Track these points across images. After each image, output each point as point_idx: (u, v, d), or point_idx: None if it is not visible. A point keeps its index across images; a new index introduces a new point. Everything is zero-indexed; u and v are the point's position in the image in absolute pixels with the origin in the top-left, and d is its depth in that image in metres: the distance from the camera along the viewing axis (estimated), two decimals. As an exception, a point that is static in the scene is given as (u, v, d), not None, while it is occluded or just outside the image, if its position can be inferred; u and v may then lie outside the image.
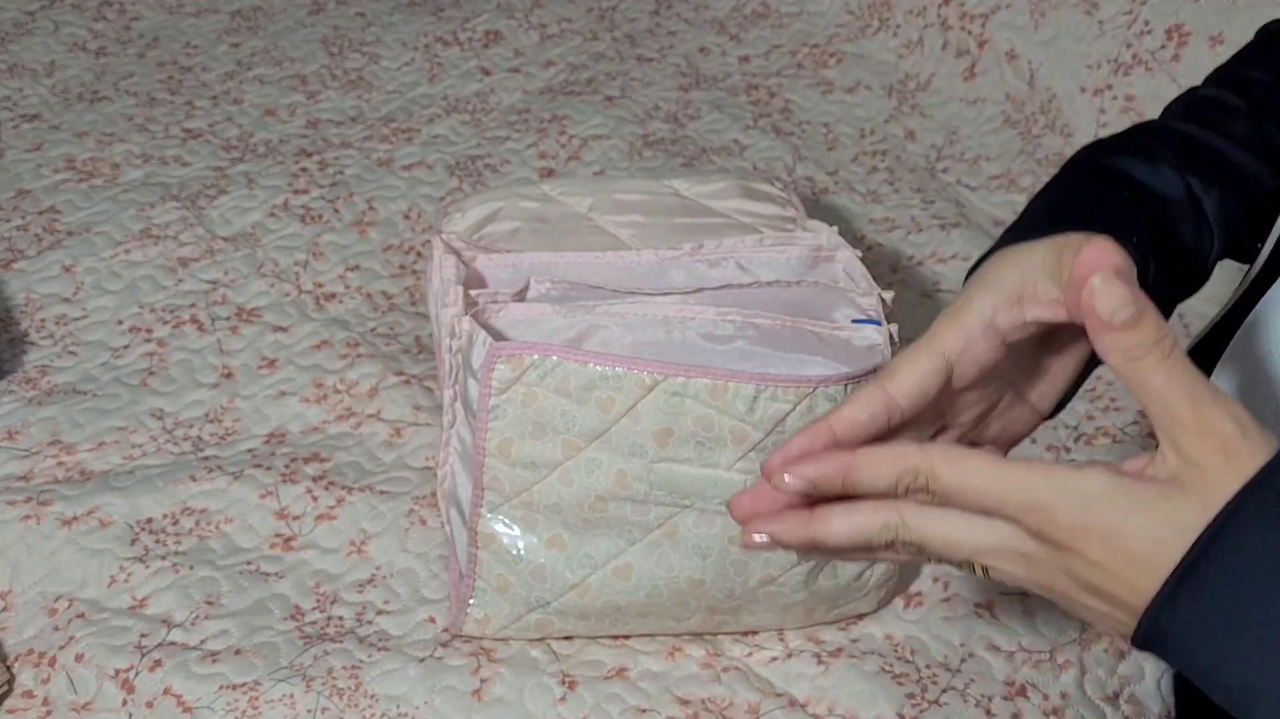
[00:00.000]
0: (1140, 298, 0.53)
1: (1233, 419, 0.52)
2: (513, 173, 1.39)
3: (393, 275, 1.25)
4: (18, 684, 0.91)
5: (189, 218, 1.30)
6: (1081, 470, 0.54)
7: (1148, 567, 0.53)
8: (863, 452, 0.57)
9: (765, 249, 0.99)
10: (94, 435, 1.07)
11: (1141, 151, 0.73)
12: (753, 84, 1.55)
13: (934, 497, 0.56)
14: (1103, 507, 0.53)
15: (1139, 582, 0.53)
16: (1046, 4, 1.49)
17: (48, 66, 1.56)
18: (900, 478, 0.56)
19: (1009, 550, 0.56)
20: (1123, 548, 0.53)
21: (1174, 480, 0.53)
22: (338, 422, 1.10)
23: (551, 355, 0.85)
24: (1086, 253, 0.55)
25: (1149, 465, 0.54)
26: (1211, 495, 0.52)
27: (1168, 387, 0.53)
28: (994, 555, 0.56)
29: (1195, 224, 0.72)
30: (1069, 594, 0.56)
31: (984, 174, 1.43)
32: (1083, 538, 0.53)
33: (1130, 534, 0.53)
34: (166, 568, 0.97)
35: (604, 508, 0.86)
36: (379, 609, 0.95)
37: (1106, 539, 0.53)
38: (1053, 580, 0.56)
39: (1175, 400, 0.53)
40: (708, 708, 0.88)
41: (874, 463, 0.57)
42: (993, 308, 0.61)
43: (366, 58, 1.58)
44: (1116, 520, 0.53)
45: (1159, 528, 0.52)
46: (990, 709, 0.89)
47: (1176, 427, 0.53)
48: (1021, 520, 0.54)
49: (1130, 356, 0.53)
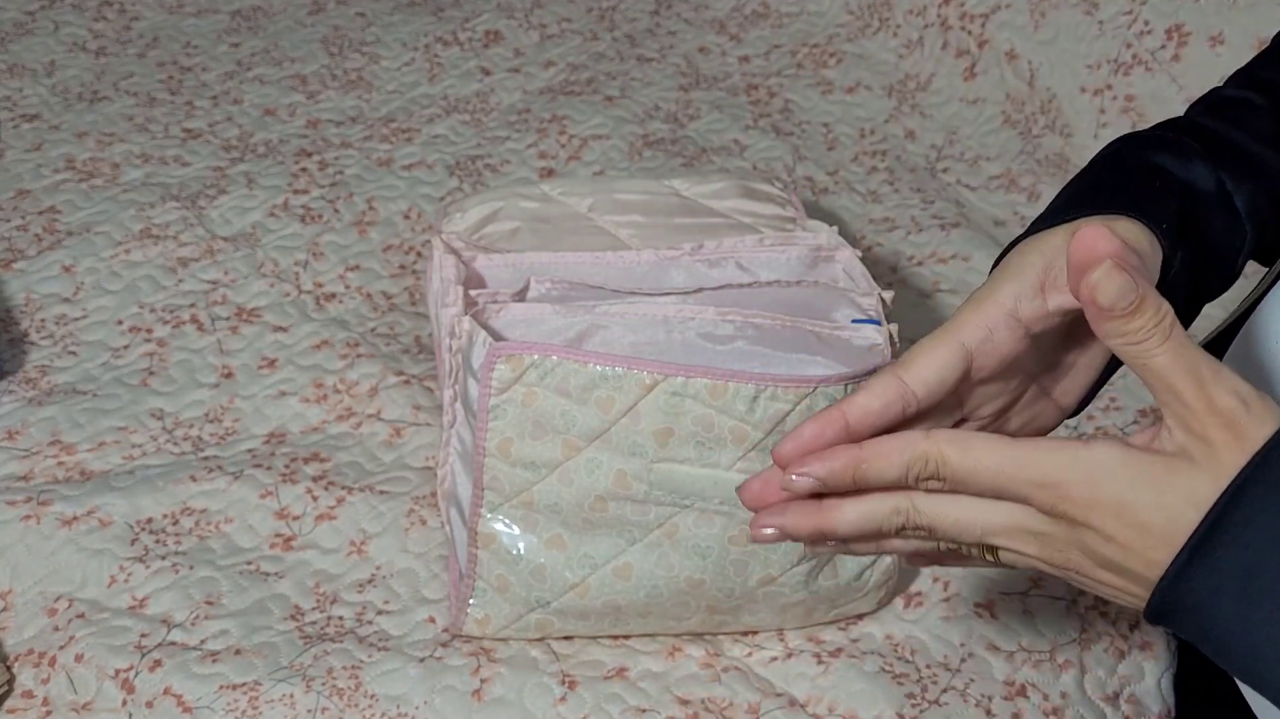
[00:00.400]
0: (1140, 283, 0.53)
1: (1236, 395, 0.53)
2: (513, 173, 1.39)
3: (393, 275, 1.25)
4: (18, 684, 0.91)
5: (189, 218, 1.30)
6: (1091, 445, 0.54)
7: (1160, 539, 0.53)
8: (870, 444, 0.57)
9: (765, 249, 0.99)
10: (94, 435, 1.07)
11: (1173, 146, 0.72)
12: (753, 84, 1.55)
13: (945, 483, 0.56)
14: (1114, 480, 0.53)
15: (1152, 554, 0.53)
16: (1046, 4, 1.48)
17: (48, 66, 1.56)
18: (910, 466, 0.56)
19: (1021, 529, 0.56)
20: (1135, 520, 0.53)
21: (1182, 454, 0.53)
22: (338, 422, 1.10)
23: (551, 355, 0.85)
24: (1080, 238, 0.54)
25: (1156, 439, 0.54)
26: (1221, 468, 0.52)
27: (1171, 368, 0.53)
28: (1006, 535, 0.56)
29: (1227, 219, 0.71)
30: (1083, 570, 0.56)
31: (984, 174, 1.43)
32: (1096, 512, 0.53)
33: (1142, 507, 0.53)
34: (166, 568, 0.97)
35: (604, 508, 0.86)
36: (379, 609, 0.95)
37: (1119, 512, 0.53)
38: (1066, 557, 0.56)
39: (1179, 381, 0.53)
40: (708, 708, 0.88)
41: (882, 454, 0.56)
42: (1015, 297, 0.61)
43: (366, 58, 1.58)
44: (1128, 493, 0.53)
45: (1170, 500, 0.53)
46: (990, 709, 0.89)
47: (1181, 406, 0.53)
48: (1034, 498, 0.54)
49: (1132, 341, 0.53)
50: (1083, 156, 1.41)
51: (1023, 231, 0.66)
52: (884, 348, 0.89)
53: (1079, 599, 0.96)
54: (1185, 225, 0.68)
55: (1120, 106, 1.41)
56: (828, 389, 0.85)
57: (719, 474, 0.85)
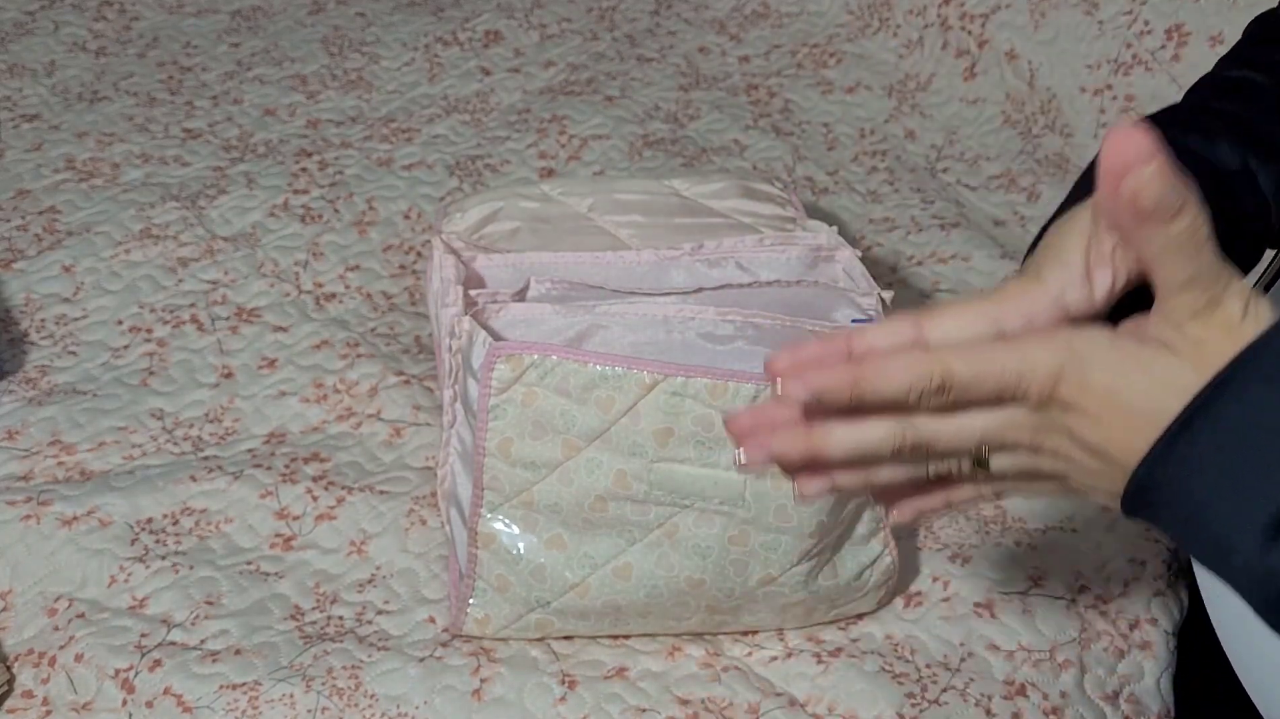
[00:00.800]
0: (1182, 185, 0.52)
1: (1242, 302, 0.53)
2: (513, 173, 1.39)
3: (393, 275, 1.25)
4: (18, 684, 0.91)
5: (189, 218, 1.30)
6: (1082, 329, 0.55)
7: (1145, 422, 0.53)
8: (871, 359, 0.55)
9: (765, 249, 0.99)
10: (94, 435, 1.07)
11: (1197, 126, 0.71)
12: (753, 84, 1.55)
13: (948, 396, 0.55)
14: (1102, 363, 0.54)
15: (1134, 439, 0.54)
16: (1046, 4, 1.49)
17: (48, 66, 1.56)
18: (913, 384, 0.54)
19: (1016, 423, 0.56)
20: (1121, 403, 0.54)
21: (1171, 346, 0.54)
22: (338, 422, 1.10)
23: (551, 355, 0.85)
24: (1114, 139, 0.53)
25: (1144, 326, 0.55)
26: (1208, 360, 0.53)
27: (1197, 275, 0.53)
28: (1001, 432, 0.56)
29: (1255, 200, 0.71)
30: (1069, 455, 0.56)
31: (984, 174, 1.43)
32: (1087, 394, 0.54)
33: (1126, 390, 0.54)
34: (166, 568, 0.97)
35: (604, 508, 0.86)
36: (379, 609, 0.95)
37: (1107, 394, 0.54)
38: (1055, 443, 0.56)
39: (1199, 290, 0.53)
40: (708, 708, 0.88)
41: (884, 369, 0.55)
42: (1061, 285, 0.59)
43: (366, 58, 1.58)
44: (1115, 377, 0.54)
45: (1154, 385, 0.53)
46: (990, 709, 0.89)
47: (1190, 313, 0.53)
48: (1031, 390, 0.54)
49: (1169, 246, 0.53)
50: (1083, 156, 1.41)
51: (1054, 212, 0.65)
52: (884, 348, 0.89)
53: (1079, 599, 0.96)
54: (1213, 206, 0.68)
55: (1120, 106, 1.41)
56: (828, 389, 0.85)
57: (719, 474, 0.85)
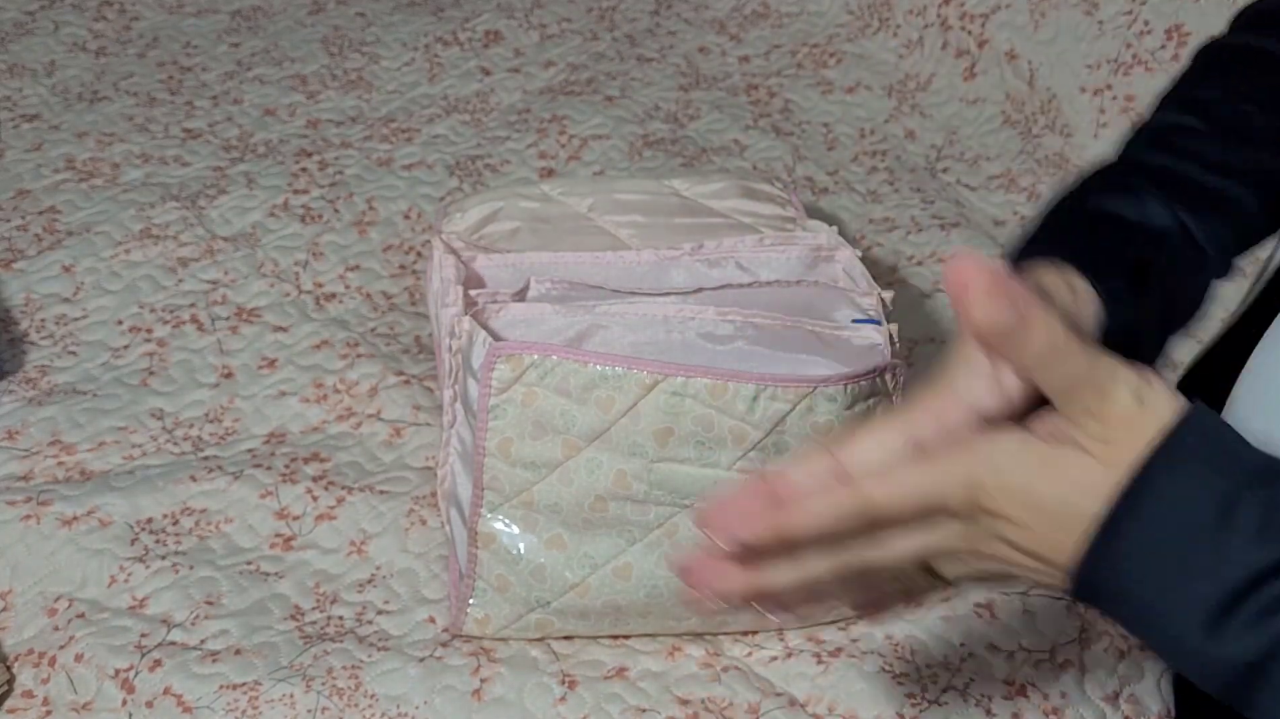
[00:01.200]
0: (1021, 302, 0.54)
1: (1134, 394, 0.54)
2: (513, 173, 1.39)
3: (393, 275, 1.25)
4: (18, 684, 0.91)
5: (189, 218, 1.30)
6: (996, 436, 0.56)
7: (1060, 524, 0.55)
8: (793, 499, 0.57)
9: (765, 249, 0.99)
10: (94, 435, 1.07)
11: (1125, 189, 0.72)
12: (753, 84, 1.55)
13: (875, 523, 0.56)
14: (1015, 468, 0.55)
15: (1055, 538, 0.55)
16: (1046, 4, 1.49)
17: (48, 66, 1.56)
18: (837, 519, 0.56)
19: (952, 534, 0.57)
20: (1042, 507, 0.55)
21: (1078, 446, 0.55)
22: (338, 422, 1.10)
23: (551, 355, 0.85)
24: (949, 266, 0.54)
25: (1054, 426, 0.56)
26: (1118, 456, 0.54)
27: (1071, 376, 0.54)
28: (939, 544, 0.57)
29: (1192, 254, 0.71)
30: (1009, 559, 0.57)
31: (984, 174, 1.43)
32: (1006, 498, 0.55)
33: (1043, 493, 0.55)
34: (166, 568, 0.97)
35: (604, 508, 0.86)
36: (379, 609, 0.95)
37: (1025, 499, 0.55)
38: (992, 549, 0.57)
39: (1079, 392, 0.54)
40: (708, 708, 0.88)
41: (806, 511, 0.56)
42: (972, 390, 0.58)
43: (366, 58, 1.58)
44: (1031, 481, 0.55)
45: (1070, 487, 0.55)
46: (990, 709, 0.89)
47: (1081, 412, 0.55)
48: (957, 505, 0.56)
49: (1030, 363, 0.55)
50: (1082, 156, 1.41)
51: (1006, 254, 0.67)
52: (884, 348, 0.89)
53: (1079, 599, 0.96)
54: (1144, 271, 0.68)
55: (1120, 106, 1.41)
56: (827, 389, 0.85)
57: (719, 474, 0.85)
